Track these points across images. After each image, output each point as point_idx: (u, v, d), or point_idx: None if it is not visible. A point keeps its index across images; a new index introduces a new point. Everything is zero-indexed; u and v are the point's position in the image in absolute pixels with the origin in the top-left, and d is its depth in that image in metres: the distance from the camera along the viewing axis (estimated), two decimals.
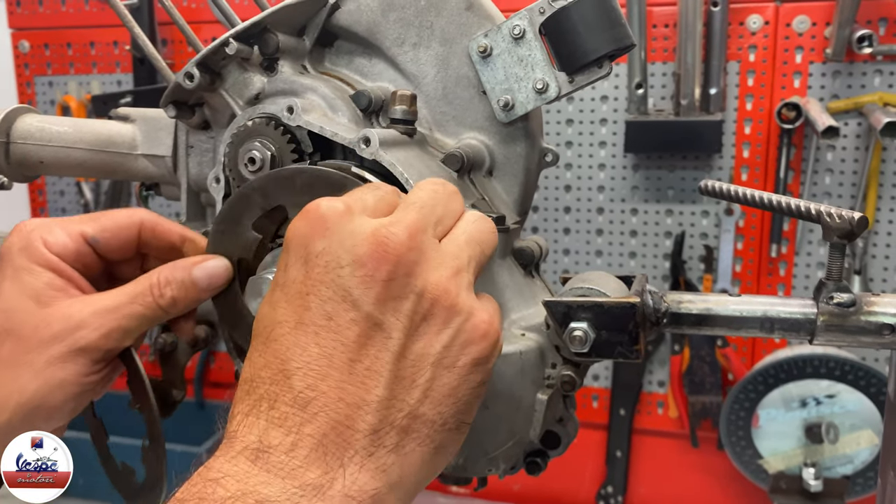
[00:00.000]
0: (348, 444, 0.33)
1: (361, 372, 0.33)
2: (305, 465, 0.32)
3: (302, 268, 0.35)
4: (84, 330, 0.41)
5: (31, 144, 0.57)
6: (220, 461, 0.32)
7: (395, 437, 0.33)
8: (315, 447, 0.32)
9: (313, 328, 0.34)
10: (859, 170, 1.35)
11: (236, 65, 0.52)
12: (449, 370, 0.35)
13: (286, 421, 0.33)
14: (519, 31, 0.51)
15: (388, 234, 0.35)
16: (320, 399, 0.33)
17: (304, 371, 0.33)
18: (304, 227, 0.36)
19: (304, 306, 0.34)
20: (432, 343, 0.35)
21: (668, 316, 0.46)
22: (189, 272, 0.44)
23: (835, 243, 0.44)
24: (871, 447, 1.36)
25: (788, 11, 1.33)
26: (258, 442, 0.32)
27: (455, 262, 0.36)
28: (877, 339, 0.44)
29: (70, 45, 1.69)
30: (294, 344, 0.34)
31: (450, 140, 0.55)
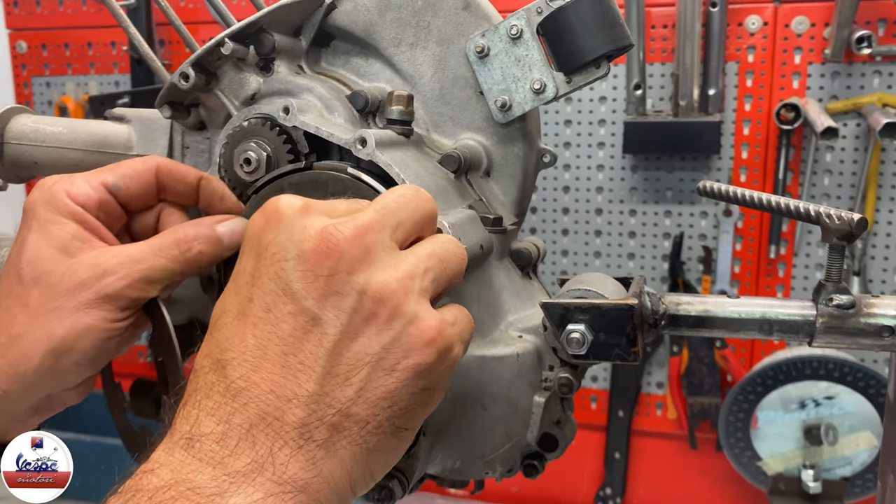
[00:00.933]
0: (277, 435, 0.33)
1: (294, 365, 0.34)
2: (235, 454, 0.32)
3: (252, 260, 0.36)
4: (110, 277, 0.41)
5: (25, 145, 0.56)
6: (157, 452, 0.33)
7: (325, 433, 0.33)
8: (244, 437, 0.33)
9: (252, 319, 0.34)
10: (858, 171, 1.35)
11: (232, 65, 0.52)
12: (387, 373, 0.34)
13: (218, 410, 0.33)
14: (516, 31, 0.51)
15: (334, 231, 0.35)
16: (252, 390, 0.33)
17: (239, 361, 0.34)
18: (259, 221, 0.37)
19: (247, 297, 0.35)
20: (371, 343, 0.34)
21: (667, 318, 0.46)
22: (213, 228, 0.45)
23: (834, 245, 0.44)
24: (870, 449, 1.36)
25: (787, 12, 1.33)
26: (190, 432, 0.33)
27: (408, 267, 0.36)
28: (876, 341, 0.44)
29: (68, 45, 1.68)
30: (233, 334, 0.35)
31: (447, 141, 0.54)
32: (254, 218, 0.37)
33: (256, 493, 0.32)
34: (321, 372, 0.34)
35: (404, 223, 0.37)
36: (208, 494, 0.31)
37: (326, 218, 0.36)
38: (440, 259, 0.38)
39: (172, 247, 0.43)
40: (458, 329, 0.37)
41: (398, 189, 0.40)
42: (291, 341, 0.34)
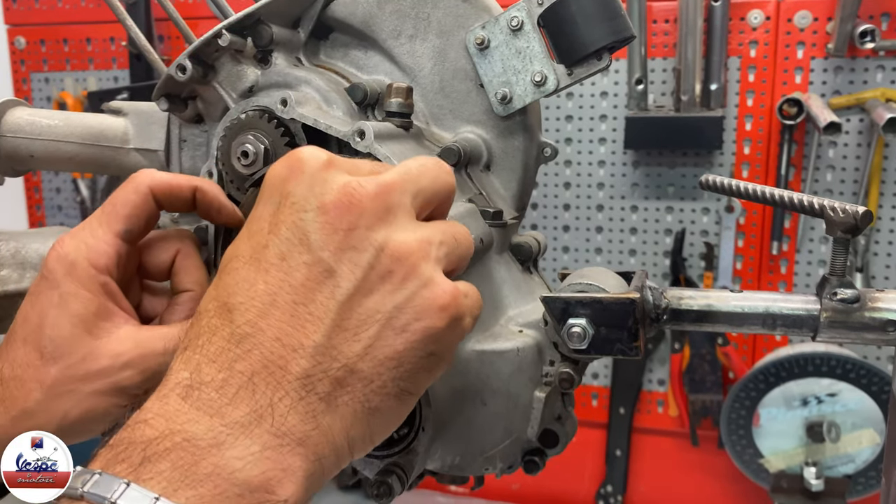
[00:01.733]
0: (279, 385, 0.32)
1: (303, 315, 0.33)
2: (234, 403, 0.32)
3: (270, 207, 0.35)
4: (129, 371, 0.41)
5: (21, 138, 0.56)
6: (152, 401, 0.32)
7: (328, 386, 0.33)
8: (245, 385, 0.32)
9: (265, 265, 0.34)
10: (861, 166, 1.34)
11: (229, 57, 0.51)
12: (397, 333, 0.34)
13: (220, 356, 0.32)
14: (517, 22, 0.50)
15: (357, 186, 0.34)
16: (257, 336, 0.33)
17: (247, 306, 0.33)
18: (281, 169, 0.36)
19: (262, 244, 0.34)
20: (384, 301, 0.34)
21: (669, 312, 0.46)
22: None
23: (838, 238, 0.43)
24: (873, 446, 1.35)
25: (790, 7, 1.32)
26: (189, 378, 0.32)
27: (427, 233, 0.36)
28: (881, 336, 0.43)
29: (66, 41, 1.68)
30: (243, 279, 0.34)
31: (447, 134, 0.54)
32: (275, 166, 0.36)
33: (254, 445, 0.31)
34: (330, 324, 0.33)
35: (424, 191, 0.37)
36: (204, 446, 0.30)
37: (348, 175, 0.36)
38: (454, 237, 0.37)
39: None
40: (469, 301, 0.37)
41: (420, 157, 0.39)
42: (303, 291, 0.33)
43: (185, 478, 0.30)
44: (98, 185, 1.67)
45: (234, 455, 0.30)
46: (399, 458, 0.44)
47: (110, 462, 0.30)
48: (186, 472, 0.30)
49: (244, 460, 0.30)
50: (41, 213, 1.79)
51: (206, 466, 0.30)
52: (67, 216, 1.75)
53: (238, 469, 0.30)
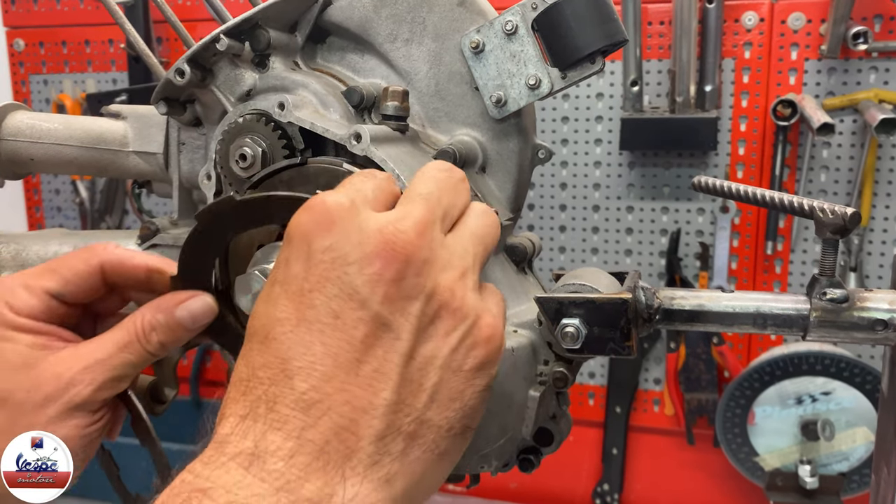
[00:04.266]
0: (352, 452, 0.31)
1: (369, 374, 0.32)
2: (305, 475, 0.30)
3: (305, 263, 0.33)
4: (77, 387, 0.40)
5: (21, 141, 0.56)
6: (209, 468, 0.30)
7: (402, 444, 0.32)
8: (317, 455, 0.30)
9: (318, 326, 0.32)
10: (855, 166, 1.35)
11: (227, 61, 0.52)
12: (455, 374, 0.34)
13: (286, 424, 0.31)
14: (511, 26, 0.51)
15: (397, 232, 0.33)
16: (325, 401, 0.31)
17: (308, 371, 0.31)
18: (308, 222, 0.34)
19: (307, 304, 0.32)
20: (440, 346, 0.34)
21: (661, 312, 0.46)
22: (172, 314, 0.42)
23: (827, 239, 0.44)
24: (867, 444, 1.36)
25: (783, 8, 1.33)
26: (254, 447, 0.30)
27: (462, 262, 0.35)
28: (870, 335, 0.44)
29: (65, 43, 1.68)
30: (297, 342, 0.32)
31: (442, 136, 0.54)
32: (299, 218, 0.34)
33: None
34: (397, 379, 0.32)
35: (450, 211, 0.37)
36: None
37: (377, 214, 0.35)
38: (482, 238, 0.38)
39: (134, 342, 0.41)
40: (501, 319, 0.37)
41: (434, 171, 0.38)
42: (363, 348, 0.32)
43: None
44: (97, 187, 1.67)
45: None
46: None
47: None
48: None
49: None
50: (40, 214, 1.79)
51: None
52: (66, 217, 1.75)
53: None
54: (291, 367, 0.32)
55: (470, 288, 0.35)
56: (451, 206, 0.37)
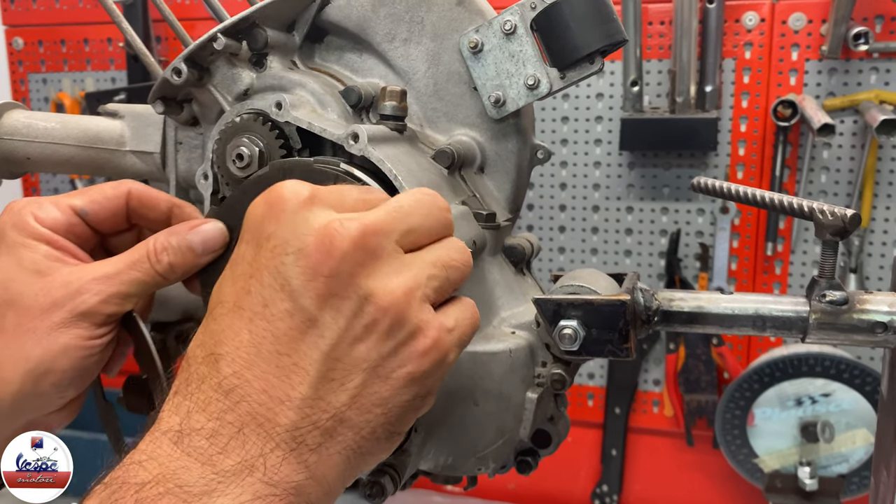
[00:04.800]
0: (269, 437, 0.32)
1: (288, 366, 0.33)
2: (225, 452, 0.32)
3: (252, 249, 0.35)
4: (84, 295, 0.41)
5: (17, 140, 0.56)
6: (145, 442, 0.32)
7: (318, 438, 0.33)
8: (234, 435, 0.32)
9: (248, 313, 0.33)
10: (855, 167, 1.35)
11: (224, 60, 0.52)
12: (383, 380, 0.34)
13: (209, 406, 0.33)
14: (510, 26, 0.50)
15: (339, 229, 0.33)
16: (244, 388, 0.33)
17: (233, 356, 0.33)
18: (261, 208, 0.35)
19: (245, 289, 0.34)
20: (370, 351, 0.34)
21: (660, 314, 0.46)
22: (184, 237, 0.44)
23: (827, 241, 0.44)
24: (867, 446, 1.36)
25: (784, 8, 1.33)
26: (180, 425, 0.32)
27: (412, 276, 0.35)
28: (869, 338, 0.43)
29: (64, 42, 1.68)
30: (228, 326, 0.34)
31: (441, 136, 0.54)
32: (255, 203, 0.36)
33: (244, 494, 0.31)
34: (315, 375, 0.33)
35: (415, 230, 0.36)
36: (196, 493, 0.31)
37: (332, 211, 0.35)
38: (444, 266, 0.37)
39: (143, 260, 0.43)
40: (456, 335, 0.36)
41: (415, 192, 0.38)
42: (286, 340, 0.33)
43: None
44: None
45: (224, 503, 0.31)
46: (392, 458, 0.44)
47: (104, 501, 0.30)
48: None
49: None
50: None
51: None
52: None
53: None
54: (220, 351, 0.33)
55: (416, 300, 0.34)
56: (419, 227, 0.37)
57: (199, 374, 0.34)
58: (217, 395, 0.33)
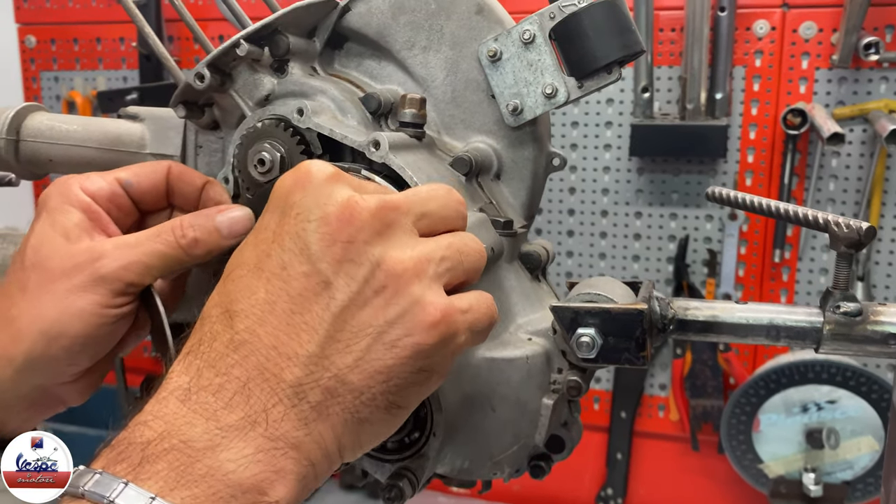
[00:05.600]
0: (273, 391, 0.33)
1: (299, 324, 0.34)
2: (229, 407, 0.33)
3: (277, 217, 0.36)
4: (105, 259, 0.42)
5: (40, 142, 0.57)
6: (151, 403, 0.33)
7: (319, 395, 0.34)
8: (240, 390, 0.33)
9: (266, 274, 0.35)
10: (864, 176, 1.35)
11: (247, 66, 0.52)
12: (387, 348, 0.34)
13: (218, 361, 0.34)
14: (529, 35, 0.51)
15: (360, 200, 0.35)
16: (254, 342, 0.34)
17: (247, 313, 0.34)
18: (289, 180, 0.37)
19: (266, 252, 0.35)
20: (376, 315, 0.34)
21: (675, 322, 0.47)
22: (212, 218, 0.45)
23: (842, 253, 0.44)
24: (872, 453, 1.36)
25: (795, 17, 1.33)
26: (189, 383, 0.33)
27: (425, 251, 0.36)
28: (883, 349, 0.44)
29: (76, 40, 1.69)
30: (246, 286, 0.35)
31: (458, 143, 0.55)
32: (283, 178, 0.38)
33: (247, 447, 0.32)
34: (324, 335, 0.34)
35: (430, 215, 0.38)
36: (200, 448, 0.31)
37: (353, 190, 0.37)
38: (458, 251, 0.38)
39: (168, 232, 0.44)
40: (468, 317, 0.37)
41: (433, 185, 0.40)
42: (300, 301, 0.34)
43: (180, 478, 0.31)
44: None
45: (228, 457, 0.31)
46: (410, 462, 0.45)
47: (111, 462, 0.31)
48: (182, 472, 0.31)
49: (237, 462, 0.32)
50: None
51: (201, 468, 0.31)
52: None
53: (231, 471, 0.31)
54: (235, 308, 0.35)
55: (426, 275, 0.36)
56: (434, 213, 0.38)
57: (212, 332, 0.35)
58: (227, 349, 0.34)
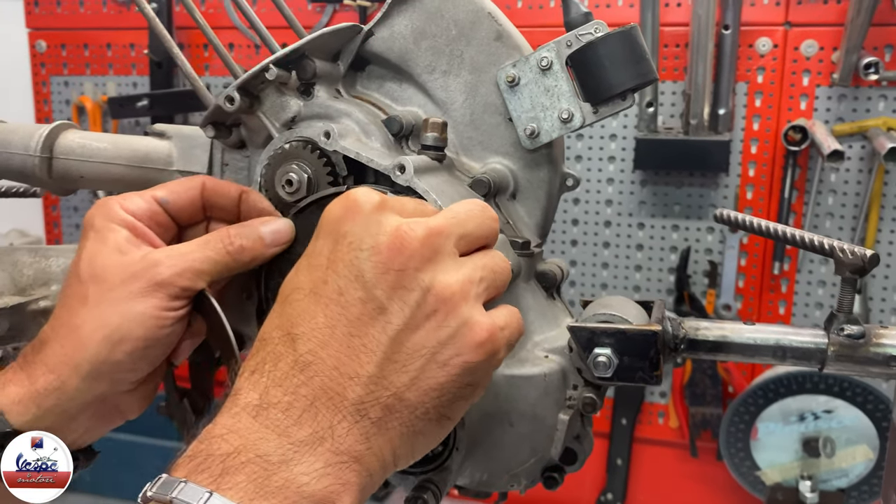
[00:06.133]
0: (337, 409, 0.36)
1: (358, 347, 0.36)
2: (298, 424, 0.35)
3: (329, 244, 0.39)
4: (160, 267, 0.44)
5: (72, 160, 0.58)
6: (224, 417, 0.36)
7: (379, 412, 0.36)
8: (307, 408, 0.35)
9: (324, 299, 0.37)
10: (862, 191, 1.37)
11: (274, 89, 0.54)
12: (439, 366, 0.37)
13: (285, 381, 0.36)
14: (546, 62, 0.52)
15: (408, 230, 0.38)
16: (318, 364, 0.36)
17: (308, 336, 0.37)
18: (339, 209, 0.40)
19: (321, 278, 0.38)
20: (429, 337, 0.37)
21: (686, 342, 0.49)
22: (257, 227, 0.48)
23: (846, 278, 0.46)
24: (867, 461, 1.38)
25: (797, 35, 1.36)
26: (259, 400, 0.36)
27: (468, 273, 0.39)
28: (884, 370, 0.46)
29: (87, 46, 1.70)
30: (305, 310, 0.37)
31: (475, 164, 0.56)
32: (332, 206, 0.40)
33: (317, 462, 0.34)
34: (382, 356, 0.36)
35: (468, 235, 0.40)
36: (274, 462, 0.34)
37: (399, 216, 0.39)
38: (492, 270, 0.41)
39: (217, 241, 0.47)
40: (506, 334, 0.40)
41: (468, 202, 0.42)
42: (358, 325, 0.37)
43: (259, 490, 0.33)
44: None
45: (302, 471, 0.34)
46: (434, 474, 0.47)
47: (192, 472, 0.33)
48: (261, 485, 0.33)
49: (310, 475, 0.34)
50: (56, 213, 1.81)
51: (278, 480, 0.33)
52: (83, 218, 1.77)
53: (305, 483, 0.34)
54: (296, 332, 0.37)
55: (470, 296, 0.38)
56: (471, 233, 0.41)
57: (275, 353, 0.37)
58: (293, 370, 0.36)
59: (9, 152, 0.57)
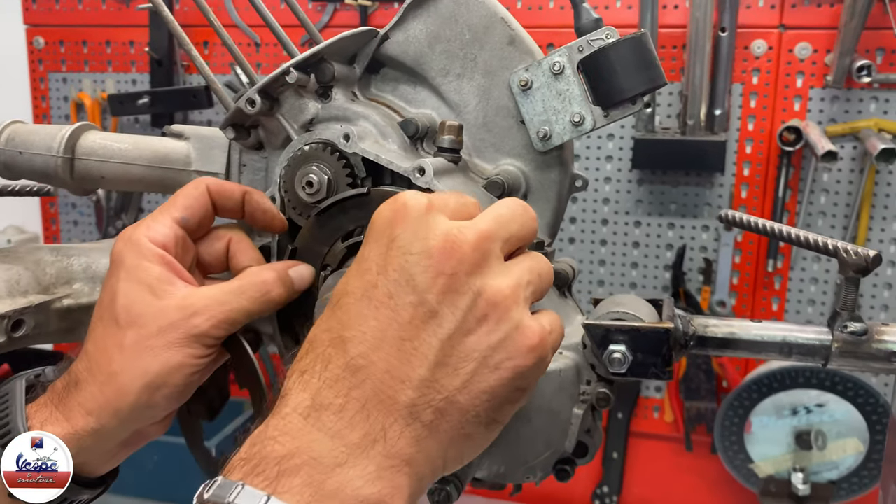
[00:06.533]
0: (389, 412, 0.35)
1: (409, 350, 0.36)
2: (351, 426, 0.35)
3: (379, 248, 0.39)
4: (198, 318, 0.45)
5: (94, 161, 0.59)
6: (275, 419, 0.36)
7: (431, 416, 0.36)
8: (359, 410, 0.35)
9: (375, 303, 0.37)
10: (854, 191, 1.40)
11: (293, 91, 0.55)
12: (491, 370, 0.37)
13: (337, 383, 0.36)
14: (559, 67, 0.54)
15: (459, 234, 0.38)
16: (369, 368, 0.36)
17: (360, 339, 0.37)
18: (388, 213, 0.39)
19: (372, 283, 0.38)
20: (480, 341, 0.37)
21: (695, 339, 0.50)
22: (286, 273, 0.49)
23: (850, 277, 0.48)
24: (857, 454, 1.41)
25: (791, 38, 1.38)
26: (311, 401, 0.35)
27: (515, 277, 0.39)
28: (886, 366, 0.48)
29: (85, 42, 1.69)
30: (356, 314, 0.37)
31: (488, 165, 0.57)
32: (381, 210, 0.40)
33: (370, 465, 0.34)
34: (433, 360, 0.36)
35: (513, 237, 0.40)
36: (328, 464, 0.34)
37: (447, 218, 0.39)
38: (538, 274, 0.41)
39: (254, 290, 0.47)
40: (553, 338, 0.40)
41: (510, 202, 0.42)
42: (409, 328, 0.36)
43: (315, 493, 0.33)
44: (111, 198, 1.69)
45: (355, 474, 0.34)
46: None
47: (248, 474, 0.34)
48: (317, 488, 0.33)
49: (363, 479, 0.34)
50: (55, 210, 1.80)
51: (333, 483, 0.33)
52: (81, 214, 1.76)
53: (359, 487, 0.34)
54: (347, 335, 0.37)
55: (520, 300, 0.38)
56: (515, 234, 0.41)
57: (325, 356, 0.37)
58: (345, 373, 0.36)
59: (31, 153, 0.58)
